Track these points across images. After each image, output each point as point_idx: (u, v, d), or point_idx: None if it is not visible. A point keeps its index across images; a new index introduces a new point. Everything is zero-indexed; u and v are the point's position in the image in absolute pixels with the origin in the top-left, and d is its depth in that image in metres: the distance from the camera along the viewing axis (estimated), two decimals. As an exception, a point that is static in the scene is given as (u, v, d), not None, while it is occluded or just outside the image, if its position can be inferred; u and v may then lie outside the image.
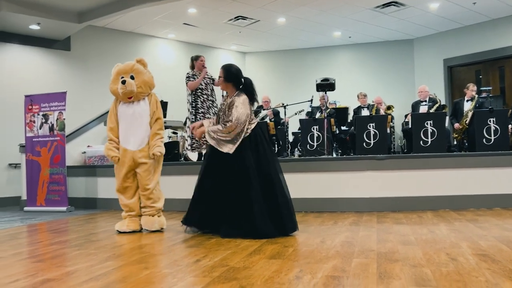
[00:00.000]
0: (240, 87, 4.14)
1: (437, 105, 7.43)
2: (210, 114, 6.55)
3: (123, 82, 4.39)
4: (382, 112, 8.29)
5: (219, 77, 4.21)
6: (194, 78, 6.52)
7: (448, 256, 2.89)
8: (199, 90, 6.51)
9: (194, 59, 6.71)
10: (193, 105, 6.43)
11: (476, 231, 3.80)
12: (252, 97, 4.13)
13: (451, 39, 10.34)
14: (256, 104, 4.32)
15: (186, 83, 6.47)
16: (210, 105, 6.65)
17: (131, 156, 4.37)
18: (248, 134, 3.99)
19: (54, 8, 7.82)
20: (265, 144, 4.05)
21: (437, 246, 3.22)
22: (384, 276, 2.45)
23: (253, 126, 4.04)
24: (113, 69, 4.59)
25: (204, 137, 4.06)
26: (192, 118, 6.39)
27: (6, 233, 4.67)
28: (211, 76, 6.83)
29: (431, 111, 7.21)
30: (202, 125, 4.22)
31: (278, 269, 2.68)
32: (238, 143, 3.95)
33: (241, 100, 4.01)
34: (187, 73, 6.60)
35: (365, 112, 8.33)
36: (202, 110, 6.43)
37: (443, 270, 2.55)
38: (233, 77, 4.15)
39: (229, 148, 3.95)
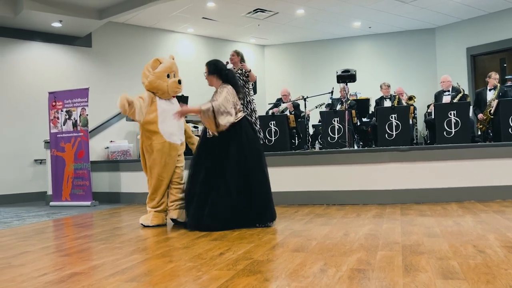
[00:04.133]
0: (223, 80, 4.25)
1: (460, 95, 7.28)
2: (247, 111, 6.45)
3: (180, 82, 4.53)
4: (404, 103, 8.17)
5: (205, 72, 4.29)
6: None
7: (475, 248, 2.84)
8: None
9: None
10: None
11: (503, 223, 3.72)
12: (236, 87, 4.20)
13: (474, 27, 10.11)
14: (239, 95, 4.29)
15: None
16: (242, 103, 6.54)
17: (177, 150, 4.45)
18: (235, 123, 4.06)
19: (75, 6, 7.91)
20: (247, 138, 4.08)
21: (464, 238, 3.17)
22: (410, 269, 2.42)
23: (240, 116, 4.13)
24: (154, 62, 4.52)
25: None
26: None
27: (34, 227, 4.78)
28: (244, 72, 6.70)
29: (454, 101, 7.08)
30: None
31: (302, 262, 2.68)
32: (221, 125, 4.00)
33: (226, 89, 4.11)
34: None
35: (387, 103, 8.22)
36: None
37: (471, 262, 2.51)
38: (215, 69, 4.23)
39: (225, 122, 4.02)
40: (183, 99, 7.62)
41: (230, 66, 6.56)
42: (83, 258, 3.08)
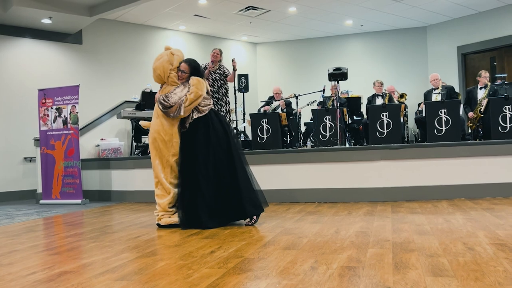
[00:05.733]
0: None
1: (438, 89, 7.38)
2: None
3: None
4: (395, 101, 8.20)
5: (184, 72, 4.15)
6: (204, 70, 6.52)
7: (464, 246, 2.86)
8: None
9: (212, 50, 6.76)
10: None
11: (492, 220, 3.75)
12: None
13: (464, 26, 10.17)
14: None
15: None
16: (214, 102, 6.60)
17: None
18: (200, 117, 4.09)
19: (65, 2, 7.84)
20: (214, 130, 4.08)
21: (453, 236, 3.19)
22: (400, 266, 2.43)
23: (206, 109, 4.13)
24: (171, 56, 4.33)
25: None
26: None
27: (23, 226, 4.74)
28: (225, 71, 6.75)
29: (438, 92, 7.18)
30: None
31: (292, 260, 2.68)
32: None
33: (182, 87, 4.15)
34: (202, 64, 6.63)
35: (379, 101, 8.24)
36: None
37: (460, 259, 2.52)
38: (197, 72, 4.23)
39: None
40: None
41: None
42: (72, 257, 3.06)
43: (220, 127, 4.13)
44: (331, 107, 7.47)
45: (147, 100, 7.64)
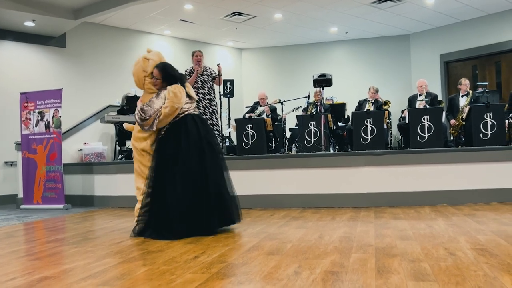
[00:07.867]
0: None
1: (423, 96, 7.49)
2: (207, 114, 6.53)
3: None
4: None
5: (156, 79, 3.97)
6: (190, 75, 6.51)
7: (446, 251, 2.89)
8: (194, 90, 6.44)
9: (191, 54, 6.72)
10: None
11: (474, 226, 3.80)
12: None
13: (447, 35, 10.34)
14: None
15: None
16: (207, 104, 6.62)
17: None
18: (172, 122, 3.92)
19: (49, 5, 7.76)
20: (189, 136, 3.87)
21: (435, 241, 3.22)
22: (382, 271, 2.45)
23: (181, 115, 3.93)
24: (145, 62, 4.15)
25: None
26: None
27: (3, 231, 4.65)
28: (212, 73, 6.77)
29: (419, 99, 7.28)
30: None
31: (276, 265, 2.68)
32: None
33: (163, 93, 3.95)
34: (186, 69, 6.62)
35: (369, 106, 8.30)
36: (199, 110, 6.36)
37: (442, 264, 2.55)
38: (170, 77, 4.00)
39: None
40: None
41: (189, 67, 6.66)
42: (53, 262, 3.02)
43: (195, 131, 3.90)
44: (314, 113, 7.51)
45: (130, 104, 7.59)
